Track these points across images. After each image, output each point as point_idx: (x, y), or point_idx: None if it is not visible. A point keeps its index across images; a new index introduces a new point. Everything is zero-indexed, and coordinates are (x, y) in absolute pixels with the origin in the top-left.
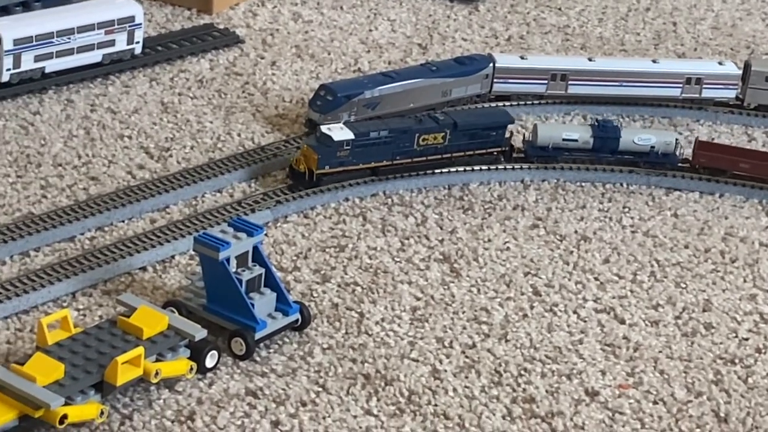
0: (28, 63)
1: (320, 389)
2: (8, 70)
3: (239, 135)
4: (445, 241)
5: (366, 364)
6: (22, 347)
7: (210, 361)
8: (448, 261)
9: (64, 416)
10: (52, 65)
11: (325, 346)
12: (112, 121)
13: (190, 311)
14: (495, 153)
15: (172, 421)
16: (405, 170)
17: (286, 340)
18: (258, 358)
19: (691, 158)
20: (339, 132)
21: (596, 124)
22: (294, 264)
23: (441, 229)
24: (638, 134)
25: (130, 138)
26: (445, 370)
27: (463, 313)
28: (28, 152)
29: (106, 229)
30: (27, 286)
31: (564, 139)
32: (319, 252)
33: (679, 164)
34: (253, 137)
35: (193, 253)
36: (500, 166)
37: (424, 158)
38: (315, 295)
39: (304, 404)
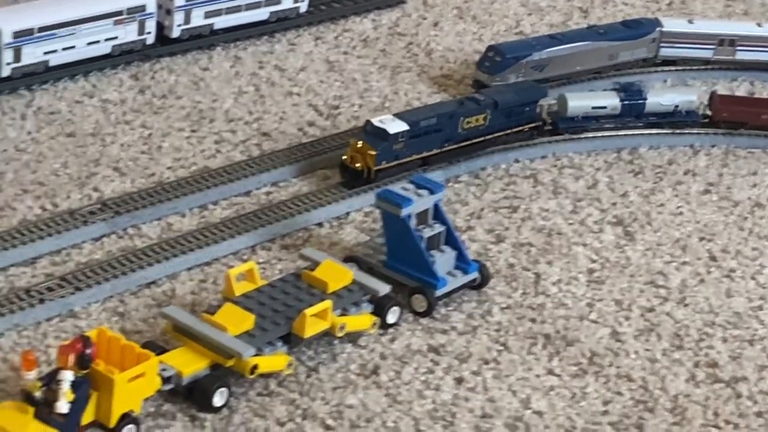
0: (197, 19)
1: (501, 348)
2: (179, 26)
3: (406, 95)
4: (617, 204)
5: (545, 325)
6: (206, 298)
7: (392, 317)
8: (622, 224)
9: (255, 366)
10: (220, 22)
11: (503, 305)
12: (280, 79)
13: (369, 267)
14: (528, 129)
15: (357, 375)
16: (453, 156)
17: (465, 298)
18: (438, 316)
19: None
20: (392, 124)
21: (621, 88)
22: (468, 224)
23: (612, 192)
24: (662, 95)
25: (299, 95)
26: (625, 333)
27: (640, 276)
28: (200, 107)
29: (281, 184)
30: (208, 239)
31: (593, 107)
32: (492, 212)
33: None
34: (419, 97)
35: (368, 210)
36: (668, 131)
37: (468, 141)
38: (490, 254)
39: (486, 362)
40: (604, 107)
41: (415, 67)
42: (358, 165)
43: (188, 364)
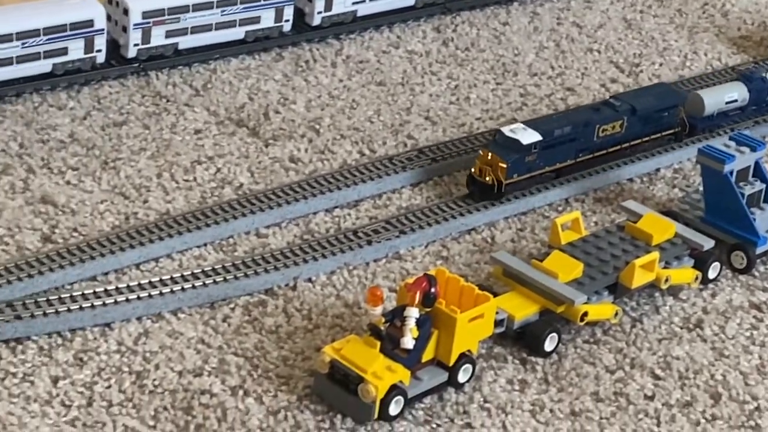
0: None
1: None
2: None
3: (705, 54)
4: None
5: None
6: (525, 246)
7: (712, 273)
8: None
9: (585, 314)
10: None
11: None
12: (579, 35)
13: (686, 222)
14: (667, 136)
15: (681, 327)
16: (586, 167)
17: None
18: (756, 273)
19: None
20: (524, 133)
21: (744, 77)
22: None
23: None
24: None
25: (599, 52)
26: None
27: None
28: (503, 61)
29: None
30: (525, 190)
31: (727, 102)
32: None
33: None
34: (719, 57)
35: (677, 167)
36: None
37: (604, 151)
38: None
39: None
40: (735, 100)
41: (712, 28)
42: (488, 179)
43: (519, 308)
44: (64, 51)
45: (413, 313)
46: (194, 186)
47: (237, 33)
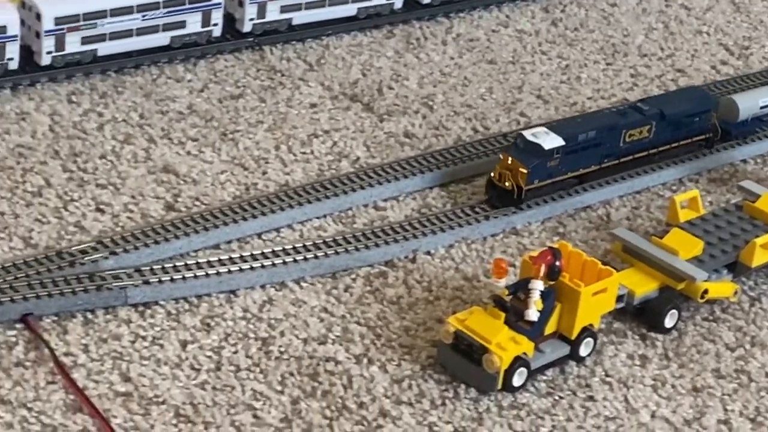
0: None
1: None
2: None
3: None
4: None
5: None
6: (641, 224)
7: None
8: None
9: (705, 291)
10: None
11: None
12: (687, 17)
13: None
14: (698, 141)
15: None
16: (613, 173)
17: None
18: None
19: None
20: (547, 138)
21: None
22: None
23: None
24: None
25: (708, 34)
26: None
27: None
28: (612, 41)
29: None
30: (639, 170)
31: (761, 107)
32: None
33: None
34: None
35: None
36: None
37: (631, 156)
38: None
39: None
40: None
41: None
42: (507, 184)
43: (639, 284)
44: (182, 24)
45: (538, 285)
46: (311, 159)
47: (349, 9)
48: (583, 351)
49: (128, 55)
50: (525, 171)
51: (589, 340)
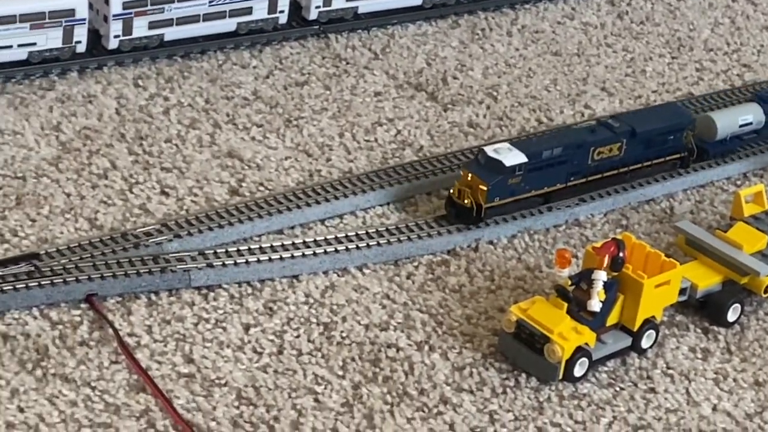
0: None
1: None
2: None
3: None
4: None
5: None
6: (705, 218)
7: None
8: None
9: None
10: None
11: None
12: (754, 13)
13: None
14: (672, 161)
15: None
16: (580, 192)
17: None
18: None
19: None
20: (509, 154)
21: (759, 98)
22: None
23: None
24: None
25: None
26: None
27: None
28: (678, 35)
29: None
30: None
31: (741, 125)
32: None
33: None
34: None
35: None
36: None
37: (600, 175)
38: None
39: None
40: (750, 122)
41: None
42: (466, 201)
43: (702, 277)
44: (248, 10)
45: (601, 276)
46: (375, 146)
47: None
48: (645, 343)
49: (194, 41)
50: (485, 188)
51: (651, 332)
